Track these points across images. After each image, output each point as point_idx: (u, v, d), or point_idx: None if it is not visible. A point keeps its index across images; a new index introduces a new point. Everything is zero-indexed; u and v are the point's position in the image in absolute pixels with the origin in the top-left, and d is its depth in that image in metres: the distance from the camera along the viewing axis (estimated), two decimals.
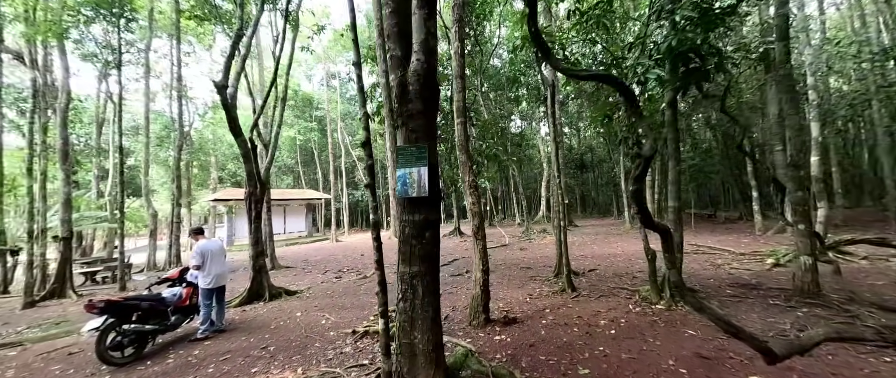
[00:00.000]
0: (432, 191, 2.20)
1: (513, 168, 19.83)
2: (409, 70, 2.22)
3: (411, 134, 2.22)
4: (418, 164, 2.19)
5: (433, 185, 2.22)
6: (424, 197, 2.18)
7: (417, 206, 2.22)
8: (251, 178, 6.12)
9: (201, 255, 4.29)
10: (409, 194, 2.20)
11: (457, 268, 8.31)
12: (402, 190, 2.21)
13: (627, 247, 9.86)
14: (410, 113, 2.21)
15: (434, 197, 2.23)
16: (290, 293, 6.51)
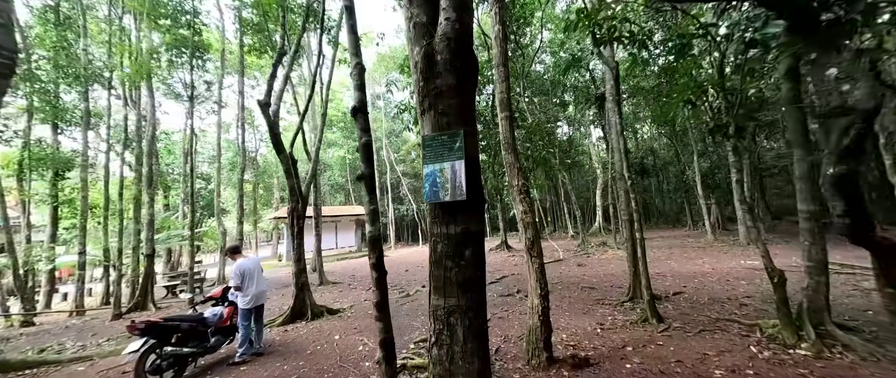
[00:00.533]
0: (473, 192, 1.61)
1: (562, 175, 18.36)
2: (436, 35, 1.69)
3: (441, 118, 1.67)
4: (452, 156, 1.62)
5: (474, 184, 1.62)
6: (462, 201, 1.60)
7: (453, 215, 1.63)
8: (293, 194, 6.11)
9: (241, 275, 4.16)
10: (441, 198, 1.63)
11: (506, 286, 7.46)
12: (431, 193, 1.65)
13: (718, 263, 8.12)
14: (439, 90, 1.67)
15: (475, 200, 1.63)
16: (332, 312, 6.27)
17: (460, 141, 1.62)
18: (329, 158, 31.00)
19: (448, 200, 1.62)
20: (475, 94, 1.82)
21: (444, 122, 1.67)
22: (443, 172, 1.63)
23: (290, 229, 6.17)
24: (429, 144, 1.68)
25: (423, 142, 1.70)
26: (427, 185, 1.65)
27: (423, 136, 1.71)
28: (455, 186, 1.60)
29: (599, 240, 15.04)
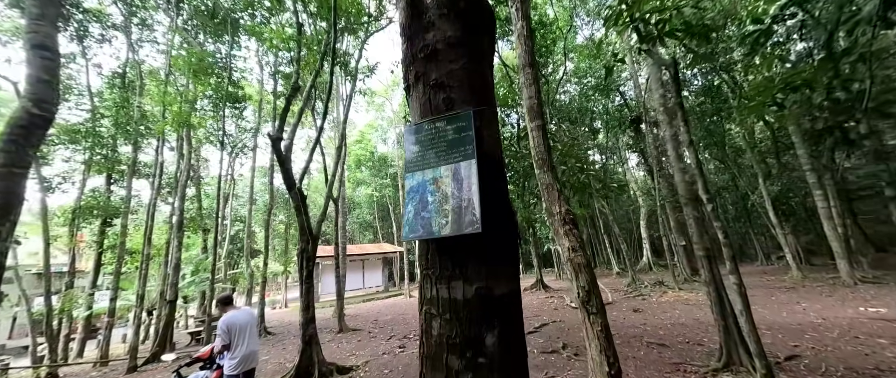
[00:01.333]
0: (494, 219, 0.85)
1: (601, 204, 16.83)
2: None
3: (435, 93, 0.99)
4: (454, 156, 0.90)
5: (496, 204, 0.87)
6: (474, 236, 0.83)
7: (460, 263, 0.88)
8: (303, 233, 5.60)
9: (227, 332, 3.51)
10: (436, 232, 0.88)
11: (548, 338, 6.20)
12: (415, 223, 0.92)
13: (826, 311, 6.33)
14: (432, 49, 1.00)
15: (501, 235, 0.87)
16: (342, 370, 5.39)
17: (469, 128, 0.90)
18: (358, 196, 31.55)
19: (449, 235, 0.86)
20: (492, 57, 1.13)
21: (441, 99, 0.97)
22: (438, 185, 0.90)
23: (300, 272, 5.58)
24: (416, 140, 0.97)
25: (407, 136, 0.99)
26: (409, 210, 0.92)
27: (407, 128, 1.01)
28: (462, 209, 0.85)
29: (652, 278, 13.06)
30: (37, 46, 3.72)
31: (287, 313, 17.84)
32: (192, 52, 10.52)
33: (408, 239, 0.91)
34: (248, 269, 15.30)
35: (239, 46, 13.24)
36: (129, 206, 11.06)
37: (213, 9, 11.68)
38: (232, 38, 11.60)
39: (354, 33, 9.43)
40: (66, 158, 12.41)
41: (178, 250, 10.26)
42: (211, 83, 11.35)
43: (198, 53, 10.48)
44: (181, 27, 12.07)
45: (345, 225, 15.65)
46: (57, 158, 12.29)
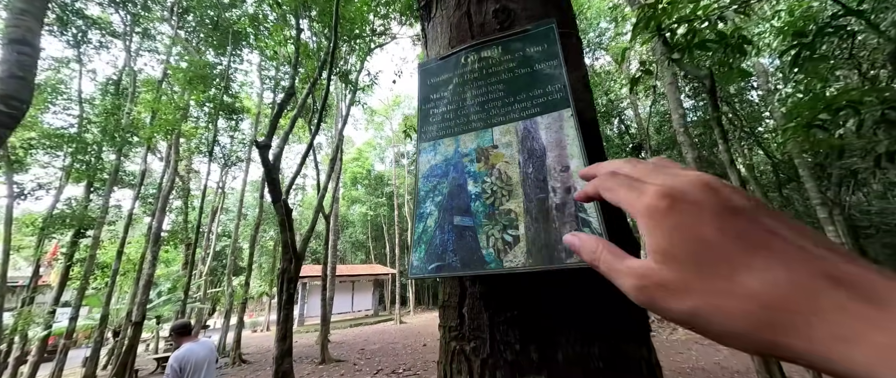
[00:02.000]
0: (618, 228, 0.37)
1: None
2: None
3: (483, 1, 0.52)
4: (525, 103, 0.43)
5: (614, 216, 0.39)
6: (585, 270, 0.34)
7: (549, 333, 0.39)
8: (286, 251, 5.02)
9: (179, 371, 2.88)
10: (493, 264, 0.40)
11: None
12: (434, 246, 0.43)
13: None
14: None
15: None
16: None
17: (553, 52, 0.44)
18: (352, 215, 30.90)
19: (522, 269, 0.37)
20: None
21: (492, 11, 0.53)
22: (488, 162, 0.43)
23: (279, 295, 4.95)
24: (439, 84, 0.52)
25: (422, 81, 0.53)
26: (426, 216, 0.44)
27: (422, 68, 0.55)
28: (549, 210, 0.38)
29: None
30: (15, 41, 3.41)
31: (267, 338, 16.65)
32: (193, 61, 10.29)
33: (419, 275, 0.43)
34: (229, 287, 14.35)
35: (240, 59, 13.12)
36: (105, 215, 10.36)
37: (216, 21, 11.61)
38: (233, 50, 11.44)
39: (357, 48, 9.30)
40: (45, 164, 11.79)
41: (152, 266, 9.47)
42: (207, 93, 11.05)
43: (197, 62, 10.25)
44: (184, 38, 11.94)
45: (336, 244, 14.93)
46: (34, 164, 11.67)
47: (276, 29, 7.69)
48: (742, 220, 0.16)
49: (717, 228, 0.16)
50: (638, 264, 0.18)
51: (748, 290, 0.15)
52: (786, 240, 0.15)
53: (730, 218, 0.16)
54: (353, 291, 23.43)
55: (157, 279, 14.14)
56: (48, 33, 10.55)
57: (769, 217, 0.17)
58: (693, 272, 0.16)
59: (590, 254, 0.21)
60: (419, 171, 0.49)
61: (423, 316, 21.75)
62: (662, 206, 0.17)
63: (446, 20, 0.58)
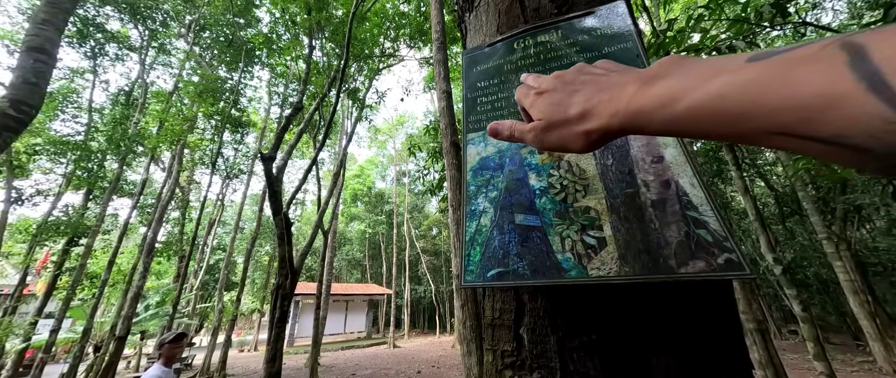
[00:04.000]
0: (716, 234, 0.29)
1: None
2: None
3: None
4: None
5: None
6: (697, 285, 0.29)
7: (641, 362, 0.29)
8: (282, 265, 4.87)
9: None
10: (573, 271, 0.33)
11: None
12: (493, 249, 0.37)
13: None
14: None
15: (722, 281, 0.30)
16: None
17: (629, 34, 0.41)
18: (350, 232, 30.60)
19: (617, 280, 0.30)
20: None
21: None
22: (556, 153, 0.36)
23: (271, 312, 4.74)
24: (489, 71, 0.46)
25: (467, 69, 0.47)
26: (479, 213, 0.37)
27: (468, 55, 0.49)
28: (644, 206, 0.32)
29: None
30: (34, 49, 3.51)
31: (255, 358, 15.97)
32: (205, 75, 10.53)
33: (476, 284, 0.34)
34: (219, 303, 13.91)
35: (251, 75, 13.46)
36: (101, 224, 10.20)
37: (231, 39, 12.00)
38: (245, 67, 11.75)
39: (366, 68, 9.53)
40: (47, 170, 11.78)
41: (143, 277, 9.20)
42: (216, 107, 11.22)
43: (209, 76, 10.48)
44: (198, 54, 12.30)
45: (332, 261, 14.62)
46: (35, 170, 11.65)
47: (288, 47, 7.92)
48: (566, 81, 0.27)
49: (556, 91, 0.27)
50: (531, 124, 0.28)
51: (573, 110, 0.25)
52: (590, 78, 0.25)
53: (560, 84, 0.27)
54: (346, 311, 22.75)
55: (147, 292, 13.75)
56: (67, 44, 10.87)
57: (582, 72, 0.27)
58: (547, 118, 0.26)
59: (507, 130, 0.31)
60: (467, 164, 0.42)
61: (418, 341, 20.98)
62: (533, 96, 0.29)
63: (493, 7, 0.54)
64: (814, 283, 13.44)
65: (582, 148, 0.25)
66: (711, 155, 12.18)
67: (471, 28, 0.58)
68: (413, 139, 23.11)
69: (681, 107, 0.19)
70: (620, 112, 0.22)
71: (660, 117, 0.20)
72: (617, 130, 0.23)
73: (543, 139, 0.27)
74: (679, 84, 0.19)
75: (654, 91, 0.20)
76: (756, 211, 3.01)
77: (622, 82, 0.23)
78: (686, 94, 0.19)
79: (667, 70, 0.21)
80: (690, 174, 0.31)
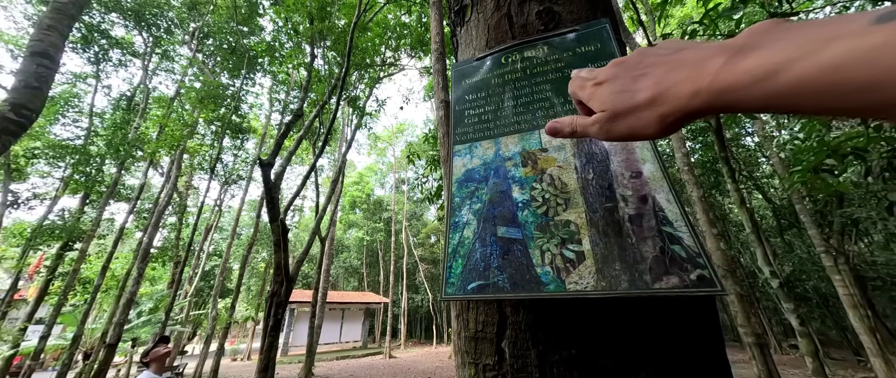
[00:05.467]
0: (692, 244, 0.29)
1: None
2: None
3: (525, 2, 0.49)
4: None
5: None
6: (676, 301, 0.30)
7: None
8: (278, 272, 4.82)
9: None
10: (552, 285, 0.33)
11: None
12: (474, 261, 0.37)
13: None
14: None
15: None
16: None
17: (609, 50, 0.40)
18: (348, 239, 30.42)
19: (595, 294, 0.30)
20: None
21: (535, 13, 0.50)
22: (536, 167, 0.37)
23: (265, 320, 4.68)
24: (477, 84, 0.47)
25: (457, 81, 0.48)
26: (462, 225, 0.38)
27: (458, 68, 0.51)
28: (621, 221, 0.33)
29: None
30: (37, 54, 3.55)
31: (247, 367, 15.68)
32: (207, 81, 10.62)
33: (456, 297, 0.35)
34: (213, 310, 13.71)
35: (253, 82, 13.57)
36: (97, 228, 10.12)
37: (234, 46, 12.15)
38: (247, 74, 11.86)
39: (367, 76, 9.64)
40: (44, 174, 11.75)
41: (137, 283, 9.09)
42: (217, 112, 11.28)
43: (211, 83, 10.57)
44: (201, 61, 12.42)
45: (329, 268, 14.49)
46: (33, 174, 11.61)
47: (290, 55, 8.02)
48: (628, 67, 0.25)
49: (617, 79, 0.25)
50: (594, 116, 0.27)
51: (641, 96, 0.23)
52: (657, 60, 0.24)
53: (621, 71, 0.25)
54: (342, 320, 22.44)
55: (140, 298, 13.56)
56: (71, 50, 10.96)
57: (645, 56, 0.25)
58: (612, 107, 0.25)
59: (568, 126, 0.29)
60: (453, 176, 0.42)
61: (415, 351, 20.66)
62: (592, 87, 0.27)
63: (483, 22, 0.56)
64: (813, 296, 13.37)
65: (656, 133, 0.24)
66: (708, 167, 12.26)
67: (462, 42, 0.60)
68: (412, 147, 23.27)
69: (785, 80, 0.17)
70: (703, 90, 0.20)
71: (756, 93, 0.18)
72: (698, 110, 0.21)
73: (610, 130, 0.25)
74: (780, 54, 0.17)
75: (747, 64, 0.18)
76: (753, 223, 3.02)
77: (700, 58, 0.21)
78: (791, 66, 0.17)
79: (761, 39, 0.19)
80: (667, 190, 0.32)
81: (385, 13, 8.34)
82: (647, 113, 0.23)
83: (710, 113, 0.21)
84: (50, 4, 3.75)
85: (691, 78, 0.20)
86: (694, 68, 0.21)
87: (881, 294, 11.84)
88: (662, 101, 0.22)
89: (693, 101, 0.20)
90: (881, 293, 11.74)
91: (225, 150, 14.04)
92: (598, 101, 0.26)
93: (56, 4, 3.74)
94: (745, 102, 0.19)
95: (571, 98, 0.31)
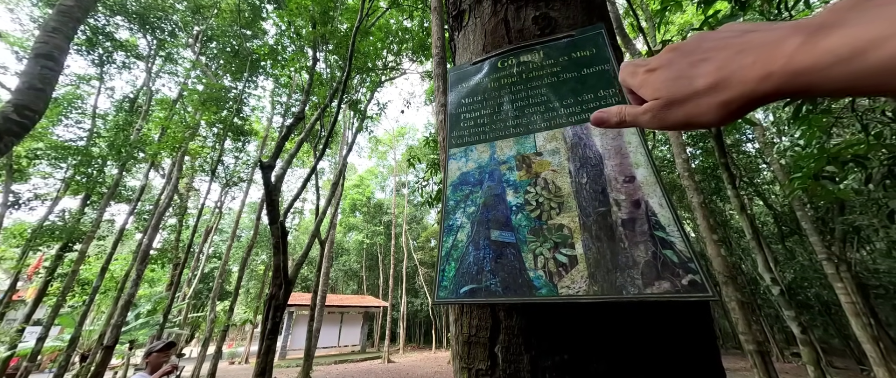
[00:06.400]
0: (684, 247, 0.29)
1: None
2: None
3: (521, 7, 0.50)
4: (574, 108, 0.38)
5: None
6: (671, 306, 0.30)
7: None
8: (277, 275, 4.81)
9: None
10: (544, 289, 0.32)
11: None
12: (467, 264, 0.36)
13: None
14: None
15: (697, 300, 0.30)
16: None
17: (604, 57, 0.40)
18: (348, 242, 30.36)
19: (586, 299, 0.30)
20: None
21: (531, 18, 0.50)
22: (531, 171, 0.37)
23: (263, 323, 4.66)
24: (473, 88, 0.47)
25: (454, 85, 0.49)
26: (456, 228, 0.37)
27: (455, 72, 0.51)
28: (615, 225, 0.33)
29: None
30: (41, 55, 3.58)
31: (245, 371, 15.57)
32: (209, 84, 10.68)
33: (447, 301, 0.35)
34: (212, 313, 13.65)
35: (255, 85, 13.65)
36: (97, 229, 10.13)
37: (237, 50, 12.24)
38: (249, 76, 11.94)
39: (368, 80, 9.69)
40: (46, 175, 11.78)
41: (135, 285, 9.07)
42: (219, 115, 11.33)
43: (214, 85, 10.64)
44: (204, 63, 12.51)
45: (328, 271, 14.44)
46: (35, 174, 11.65)
47: (293, 59, 8.08)
48: (685, 52, 0.24)
49: (673, 65, 0.24)
50: (646, 105, 0.25)
51: (700, 82, 0.22)
52: (719, 43, 0.22)
53: (677, 56, 0.24)
54: (341, 324, 22.32)
55: (138, 300, 13.51)
56: (75, 52, 11.05)
57: (705, 40, 0.24)
58: (668, 95, 0.24)
59: (617, 116, 0.28)
60: (448, 179, 0.42)
61: (413, 355, 20.51)
62: (644, 73, 0.26)
63: (480, 27, 0.56)
64: (815, 304, 13.26)
65: (717, 121, 0.22)
66: (709, 173, 12.25)
67: (459, 46, 0.60)
68: (413, 151, 23.30)
69: (875, 59, 0.16)
70: (776, 73, 0.18)
71: (839, 74, 0.17)
72: (767, 95, 0.19)
73: (664, 118, 0.24)
74: (867, 32, 0.16)
75: (829, 43, 0.17)
76: (753, 230, 3.00)
77: (772, 40, 0.19)
78: (882, 44, 0.15)
79: (843, 17, 0.17)
80: (660, 195, 0.32)
81: (387, 18, 8.42)
82: (707, 99, 0.21)
83: (780, 98, 0.20)
84: (56, 7, 3.80)
85: (762, 60, 0.19)
86: (765, 50, 0.19)
87: (884, 302, 11.73)
88: (726, 86, 0.21)
89: (762, 84, 0.19)
90: (884, 301, 11.63)
91: (226, 153, 14.10)
92: (651, 89, 0.25)
93: (62, 7, 3.78)
94: (823, 85, 0.18)
95: (622, 86, 0.30)
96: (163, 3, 11.22)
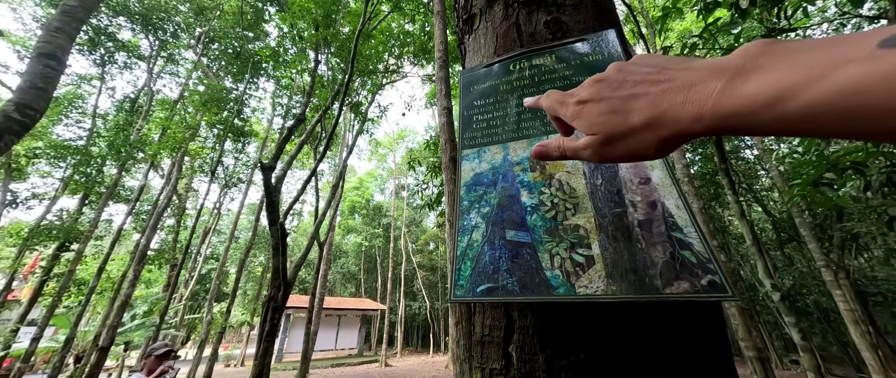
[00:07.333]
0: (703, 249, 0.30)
1: None
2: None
3: (533, 12, 0.51)
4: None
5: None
6: (691, 306, 0.30)
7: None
8: (276, 277, 4.79)
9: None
10: (561, 288, 0.33)
11: None
12: (483, 263, 0.36)
13: None
14: None
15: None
16: None
17: (618, 56, 0.41)
18: (346, 244, 30.28)
19: (605, 298, 0.31)
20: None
21: (543, 22, 0.51)
22: (548, 171, 0.38)
23: (261, 326, 4.62)
24: (486, 91, 0.48)
25: (465, 88, 0.49)
26: (470, 229, 0.37)
27: (466, 74, 0.52)
28: (631, 226, 0.33)
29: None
30: (44, 55, 3.59)
31: (241, 374, 15.44)
32: (211, 85, 10.71)
33: (464, 299, 0.35)
34: (209, 315, 13.56)
35: (256, 86, 13.69)
36: (94, 229, 10.08)
37: (239, 51, 12.29)
38: (251, 78, 11.97)
39: (369, 83, 9.73)
40: (45, 174, 11.75)
41: (132, 286, 9.01)
42: (220, 116, 11.34)
43: (215, 86, 10.66)
44: (206, 64, 12.55)
45: (327, 273, 14.38)
46: (33, 173, 11.60)
47: (294, 61, 8.12)
48: (612, 85, 0.24)
49: (604, 99, 0.25)
50: (585, 140, 0.26)
51: (636, 117, 0.22)
52: (644, 78, 0.23)
53: (605, 89, 0.25)
54: (338, 326, 22.19)
55: (134, 301, 13.42)
56: (77, 51, 11.07)
57: (626, 73, 0.25)
58: (606, 131, 0.24)
59: (556, 150, 0.29)
60: (461, 180, 0.43)
61: (411, 359, 20.38)
62: (575, 106, 0.26)
63: (491, 30, 0.57)
64: (814, 311, 13.24)
65: (655, 155, 0.23)
66: (708, 178, 12.28)
67: (470, 49, 0.61)
68: (413, 153, 23.30)
69: (797, 105, 0.16)
70: (705, 115, 0.19)
71: (765, 118, 0.17)
72: (701, 133, 0.20)
73: (604, 153, 0.25)
74: (785, 79, 0.17)
75: (749, 89, 0.18)
76: (753, 236, 3.01)
77: (695, 80, 0.20)
78: (802, 91, 0.16)
79: (757, 62, 0.18)
80: (676, 196, 0.32)
81: (389, 21, 8.47)
82: (646, 135, 0.22)
83: (713, 134, 0.20)
84: (59, 7, 3.81)
85: (691, 101, 0.20)
86: (691, 91, 0.20)
87: (882, 310, 11.72)
88: (661, 123, 0.21)
89: (695, 125, 0.20)
90: (882, 309, 11.62)
91: (226, 154, 14.11)
92: (587, 123, 0.25)
93: (65, 7, 3.80)
94: (749, 127, 0.18)
95: (548, 114, 0.30)
96: (166, 5, 11.27)
